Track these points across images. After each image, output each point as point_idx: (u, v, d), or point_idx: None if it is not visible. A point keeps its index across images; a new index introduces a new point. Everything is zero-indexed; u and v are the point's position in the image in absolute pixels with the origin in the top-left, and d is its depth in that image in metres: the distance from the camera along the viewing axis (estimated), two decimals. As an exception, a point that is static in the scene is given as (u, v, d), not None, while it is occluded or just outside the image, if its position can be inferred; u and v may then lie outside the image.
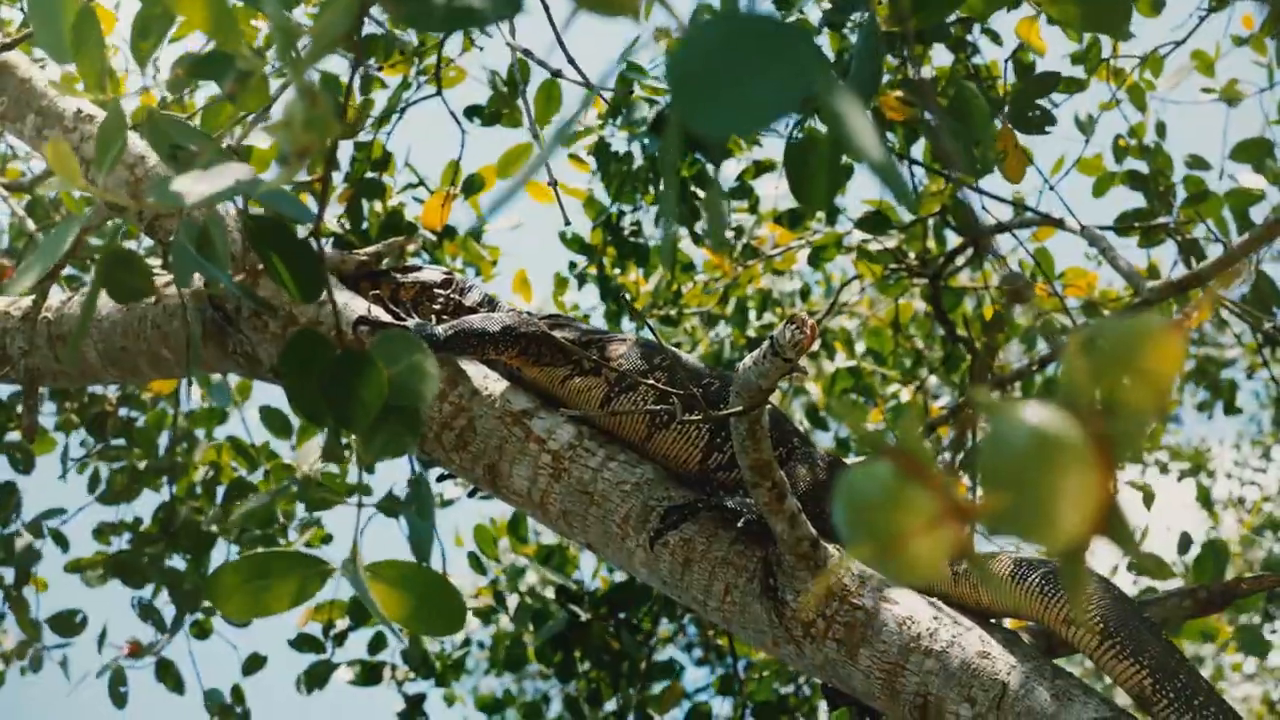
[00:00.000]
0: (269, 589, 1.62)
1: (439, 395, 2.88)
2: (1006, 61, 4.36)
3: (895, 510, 0.93)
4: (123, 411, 5.01)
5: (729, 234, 5.56)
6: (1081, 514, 0.89)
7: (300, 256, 1.65)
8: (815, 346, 5.97)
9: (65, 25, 1.65)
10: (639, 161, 4.84)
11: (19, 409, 3.95)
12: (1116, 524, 0.91)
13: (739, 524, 2.72)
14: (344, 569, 1.62)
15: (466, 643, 5.71)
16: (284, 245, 1.64)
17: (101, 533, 4.93)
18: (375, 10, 1.43)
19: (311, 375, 1.60)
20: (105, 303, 3.23)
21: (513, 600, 5.38)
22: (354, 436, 1.65)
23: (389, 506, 4.69)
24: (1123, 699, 4.17)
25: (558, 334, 2.97)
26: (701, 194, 5.02)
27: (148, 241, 4.00)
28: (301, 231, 1.67)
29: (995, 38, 4.62)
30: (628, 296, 5.52)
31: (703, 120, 0.95)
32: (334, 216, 4.61)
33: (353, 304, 2.99)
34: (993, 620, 2.74)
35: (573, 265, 5.29)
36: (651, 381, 2.62)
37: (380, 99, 4.76)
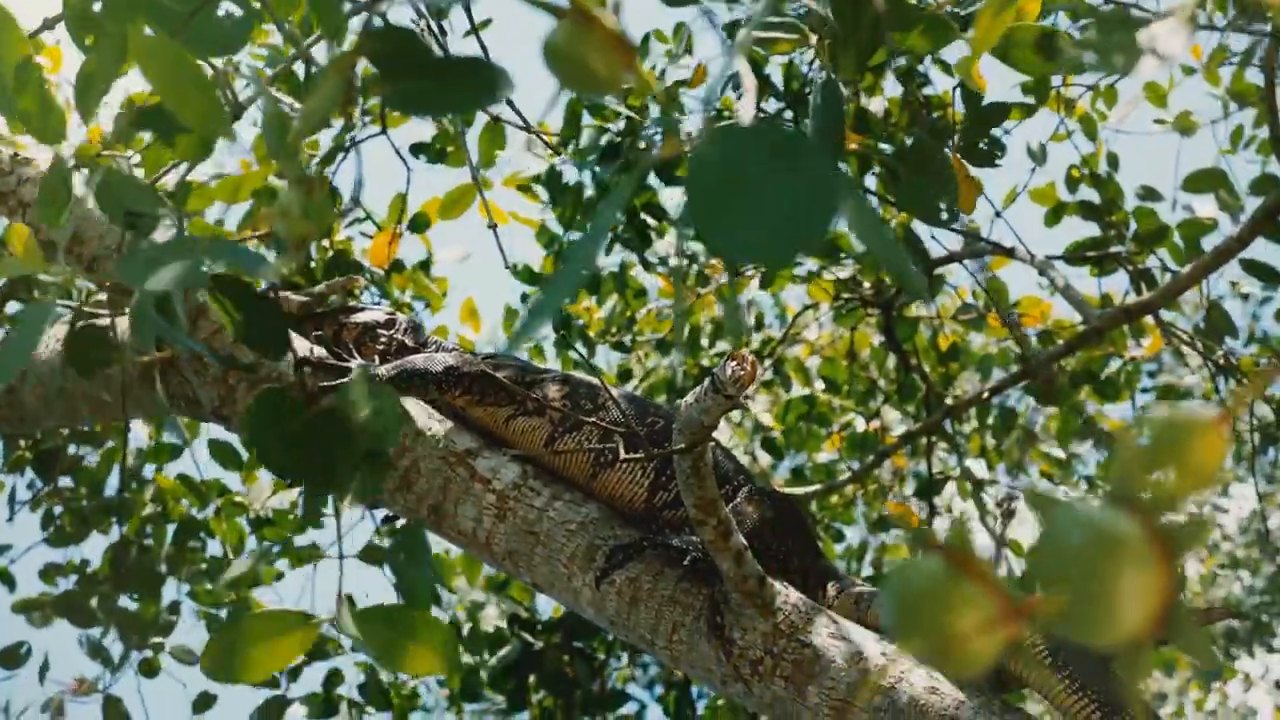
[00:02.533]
0: (265, 651, 1.61)
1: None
2: (956, 88, 4.37)
3: (948, 609, 0.92)
4: (72, 449, 4.96)
5: (684, 262, 5.55)
6: (1142, 612, 0.88)
7: (262, 314, 1.64)
8: (770, 375, 5.98)
9: (7, 76, 1.63)
10: (590, 191, 4.83)
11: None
12: (1178, 620, 0.90)
13: (685, 562, 2.71)
14: (335, 622, 1.60)
15: (421, 673, 5.65)
16: (244, 302, 1.63)
17: (48, 574, 4.87)
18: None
19: (281, 435, 1.59)
20: (42, 345, 3.20)
21: (466, 629, 5.35)
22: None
23: (374, 556, 4.63)
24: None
25: (500, 373, 2.96)
26: (653, 222, 5.02)
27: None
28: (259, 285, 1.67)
29: (946, 68, 4.63)
30: (579, 322, 5.51)
31: (728, 247, 0.93)
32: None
33: (295, 345, 2.96)
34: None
35: (525, 297, 5.27)
36: (595, 420, 2.61)
37: (325, 136, 4.73)
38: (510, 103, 3.03)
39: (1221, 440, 0.92)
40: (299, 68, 3.66)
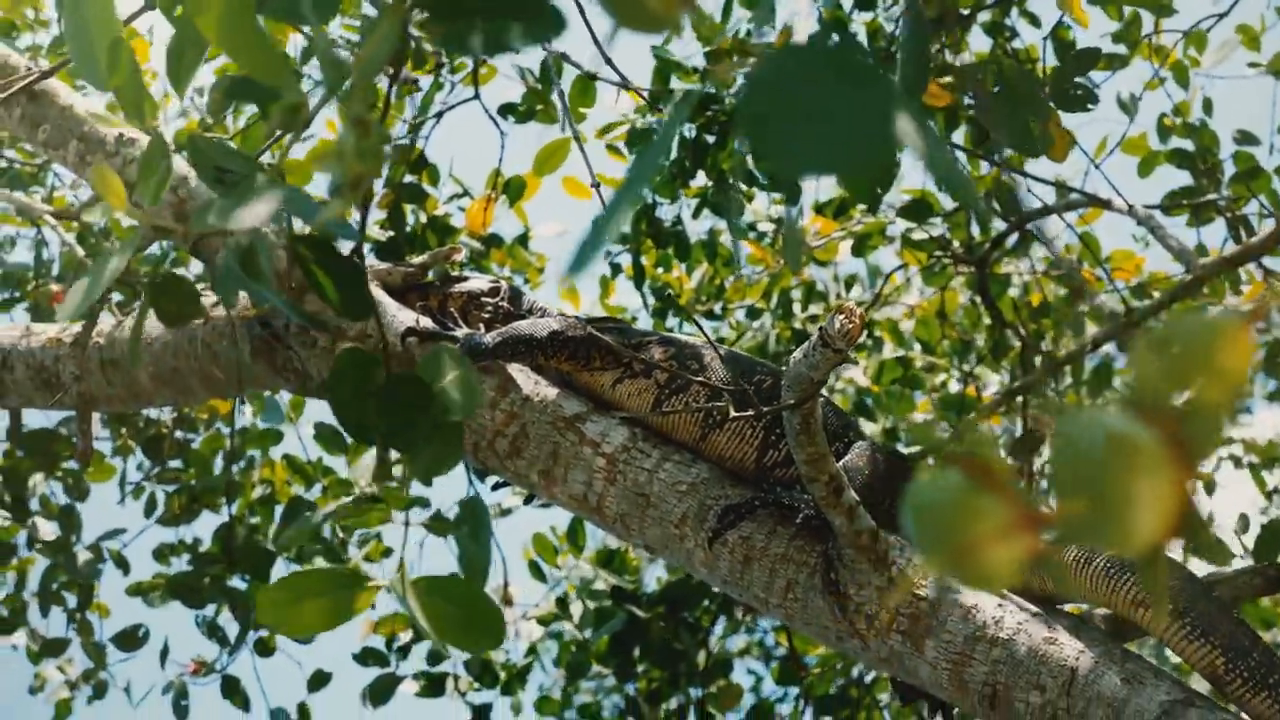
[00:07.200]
0: (316, 606, 1.63)
1: (490, 403, 2.89)
2: (1045, 40, 4.31)
3: (967, 519, 0.91)
4: (178, 434, 5.04)
5: (768, 225, 5.52)
6: (1158, 517, 0.87)
7: (346, 274, 1.65)
8: (863, 338, 5.94)
9: (101, 53, 1.65)
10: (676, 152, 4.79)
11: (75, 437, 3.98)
12: (1193, 525, 0.89)
13: (797, 519, 2.71)
14: (391, 586, 1.62)
15: (532, 650, 5.68)
16: (329, 263, 1.65)
17: (161, 554, 4.95)
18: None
19: (359, 394, 1.60)
20: (156, 325, 3.24)
21: (576, 607, 5.36)
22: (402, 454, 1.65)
23: (439, 526, 4.68)
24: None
25: (606, 337, 2.96)
26: (744, 187, 4.98)
27: (198, 264, 4.02)
28: (344, 248, 1.68)
29: (1034, 20, 4.58)
30: (671, 293, 5.48)
31: (782, 163, 0.92)
32: (374, 223, 4.60)
33: (401, 316, 2.99)
34: (1059, 605, 2.71)
35: (607, 253, 5.23)
36: (702, 380, 2.60)
37: (414, 100, 4.75)
38: (609, 60, 3.03)
39: (1247, 344, 0.90)
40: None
